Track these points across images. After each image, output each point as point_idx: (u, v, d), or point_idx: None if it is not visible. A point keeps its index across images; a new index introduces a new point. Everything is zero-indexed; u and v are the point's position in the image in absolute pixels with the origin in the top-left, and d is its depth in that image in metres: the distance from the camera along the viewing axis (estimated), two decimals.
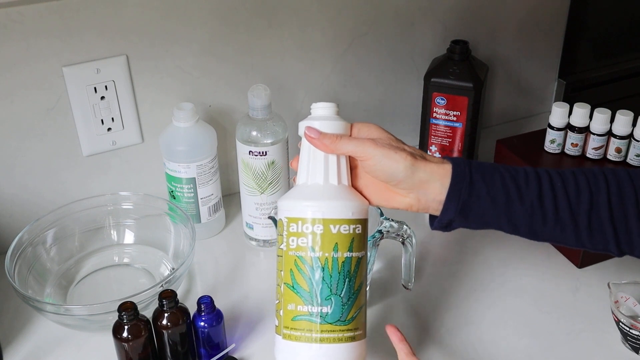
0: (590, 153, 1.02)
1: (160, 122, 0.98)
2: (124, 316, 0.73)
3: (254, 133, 0.91)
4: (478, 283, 0.93)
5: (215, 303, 0.78)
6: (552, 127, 1.04)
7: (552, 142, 1.04)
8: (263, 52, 1.02)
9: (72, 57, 0.90)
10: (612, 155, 1.01)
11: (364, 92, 1.14)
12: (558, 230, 0.67)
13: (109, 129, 0.97)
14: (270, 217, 0.84)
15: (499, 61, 1.23)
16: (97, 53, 0.92)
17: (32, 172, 0.95)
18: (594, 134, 1.01)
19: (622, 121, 0.99)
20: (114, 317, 0.74)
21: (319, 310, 0.65)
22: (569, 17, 1.25)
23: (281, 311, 0.67)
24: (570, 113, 1.03)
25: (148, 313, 0.77)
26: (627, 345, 0.81)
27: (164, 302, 0.74)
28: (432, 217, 0.70)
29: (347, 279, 0.66)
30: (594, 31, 1.32)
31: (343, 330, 0.65)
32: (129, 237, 0.98)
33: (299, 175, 0.70)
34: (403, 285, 0.88)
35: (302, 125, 0.70)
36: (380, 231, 0.82)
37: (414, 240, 0.83)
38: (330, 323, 0.65)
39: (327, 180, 0.69)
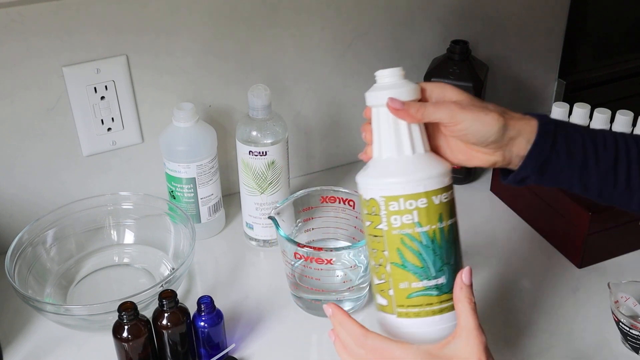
0: None
1: (160, 122, 0.98)
2: (124, 316, 0.73)
3: (254, 133, 0.91)
4: (478, 283, 0.93)
5: (215, 303, 0.78)
6: None
7: None
8: (263, 52, 1.02)
9: (72, 57, 0.90)
10: None
11: (364, 92, 1.14)
12: (627, 195, 0.67)
13: (109, 129, 0.97)
14: (270, 217, 0.84)
15: (499, 61, 1.23)
16: (97, 53, 0.92)
17: (32, 172, 0.95)
18: None
19: (622, 121, 0.99)
20: (114, 317, 0.74)
21: (435, 283, 0.64)
22: (569, 17, 1.25)
23: (391, 291, 0.65)
24: (570, 113, 1.03)
25: (148, 313, 0.77)
26: (627, 345, 0.81)
27: (164, 302, 0.74)
28: (504, 171, 0.70)
29: (454, 246, 0.66)
30: (594, 31, 1.32)
31: None
32: (129, 237, 0.98)
33: (379, 148, 0.66)
34: None
35: (371, 96, 0.67)
36: None
37: None
38: (446, 293, 0.64)
39: (415, 150, 0.65)
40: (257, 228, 0.98)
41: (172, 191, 0.98)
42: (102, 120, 0.96)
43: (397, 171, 0.65)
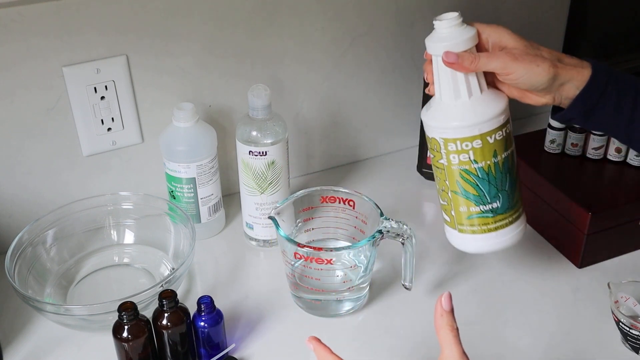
0: (591, 153, 1.02)
1: (160, 122, 0.98)
2: (124, 316, 0.73)
3: (254, 133, 0.91)
4: (478, 283, 0.93)
5: (215, 303, 0.78)
6: (552, 127, 1.04)
7: (552, 142, 1.04)
8: (263, 52, 1.02)
9: (72, 57, 0.90)
10: (612, 155, 1.01)
11: (364, 92, 1.14)
12: None
13: (109, 129, 0.97)
14: (271, 217, 0.84)
15: None
16: (97, 53, 0.92)
17: (32, 172, 0.95)
18: (594, 134, 1.01)
19: None
20: (114, 317, 0.74)
21: (490, 207, 0.74)
22: (569, 17, 1.25)
23: (452, 211, 0.76)
24: None
25: (148, 313, 0.77)
26: (627, 345, 0.81)
27: (164, 302, 0.74)
28: (555, 108, 0.75)
29: (508, 174, 0.74)
30: (594, 31, 1.32)
31: (512, 214, 0.75)
32: (129, 237, 0.98)
33: (439, 91, 0.73)
34: (403, 285, 0.88)
35: (429, 46, 0.73)
36: (380, 231, 0.82)
37: (414, 240, 0.83)
38: (501, 214, 0.74)
39: (472, 94, 0.72)
40: (257, 228, 0.98)
41: (172, 191, 0.98)
42: (102, 120, 0.96)
43: (454, 116, 0.72)
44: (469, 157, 0.72)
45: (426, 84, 0.78)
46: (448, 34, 0.72)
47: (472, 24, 0.74)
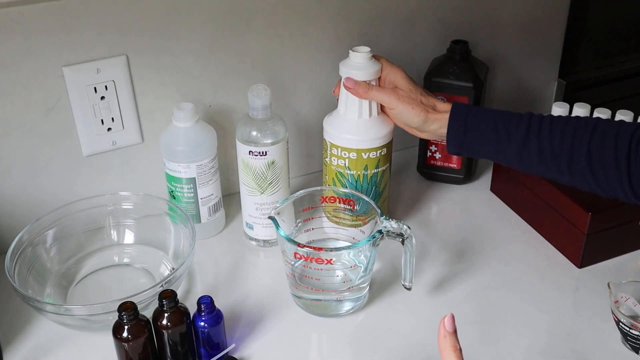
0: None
1: (160, 122, 0.98)
2: (124, 316, 0.73)
3: (254, 133, 0.91)
4: (478, 283, 0.93)
5: (215, 303, 0.78)
6: None
7: None
8: (263, 52, 1.02)
9: (72, 57, 0.90)
10: None
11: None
12: (543, 168, 0.81)
13: (109, 129, 0.97)
14: (271, 217, 0.84)
15: (499, 61, 1.23)
16: (97, 53, 0.92)
17: (32, 172, 0.95)
18: None
19: None
20: (114, 317, 0.74)
21: (351, 207, 0.89)
22: (569, 17, 1.25)
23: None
24: (570, 113, 1.03)
25: (148, 313, 0.77)
26: (627, 345, 0.81)
27: (164, 302, 0.74)
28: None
29: (374, 186, 0.95)
30: (594, 31, 1.32)
31: (365, 218, 0.88)
32: (129, 237, 0.98)
33: (340, 105, 0.93)
34: (403, 285, 0.88)
35: (340, 70, 0.91)
36: (380, 231, 0.82)
37: (414, 240, 0.83)
38: (357, 216, 0.90)
39: (361, 115, 0.91)
40: (257, 228, 0.98)
41: (172, 191, 0.98)
42: (102, 120, 0.96)
43: (342, 128, 0.92)
44: (345, 164, 0.93)
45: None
46: (357, 64, 0.89)
47: (380, 60, 0.91)
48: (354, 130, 0.91)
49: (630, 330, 0.79)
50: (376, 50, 1.11)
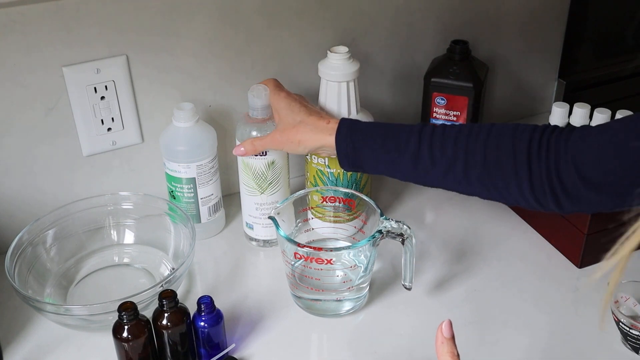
0: None
1: (160, 122, 0.98)
2: (124, 316, 0.73)
3: (254, 133, 0.91)
4: (478, 283, 0.93)
5: (215, 303, 0.78)
6: None
7: None
8: (263, 52, 1.02)
9: (72, 57, 0.90)
10: None
11: (364, 92, 1.14)
12: (440, 181, 0.79)
13: (109, 129, 0.97)
14: (271, 217, 0.84)
15: (499, 61, 1.23)
16: (97, 53, 0.92)
17: (32, 172, 0.95)
18: None
19: None
20: (114, 317, 0.74)
21: (333, 204, 0.92)
22: (569, 17, 1.25)
23: (308, 196, 0.93)
24: (570, 113, 1.03)
25: (148, 313, 0.77)
26: (627, 345, 0.81)
27: (164, 302, 0.74)
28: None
29: (355, 184, 0.97)
30: (594, 31, 1.32)
31: (349, 214, 0.92)
32: (129, 237, 0.98)
33: (319, 103, 0.94)
34: (403, 285, 0.88)
35: (320, 68, 0.93)
36: (380, 231, 0.82)
37: (414, 240, 0.83)
38: (339, 212, 0.93)
39: (340, 114, 0.92)
40: (257, 228, 0.98)
41: (172, 191, 0.98)
42: (102, 120, 0.96)
43: None
44: (325, 162, 0.94)
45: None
46: (335, 64, 0.91)
47: (267, 82, 0.91)
48: None
49: (630, 330, 0.79)
50: (376, 50, 1.12)
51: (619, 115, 1.00)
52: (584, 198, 0.70)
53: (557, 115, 1.03)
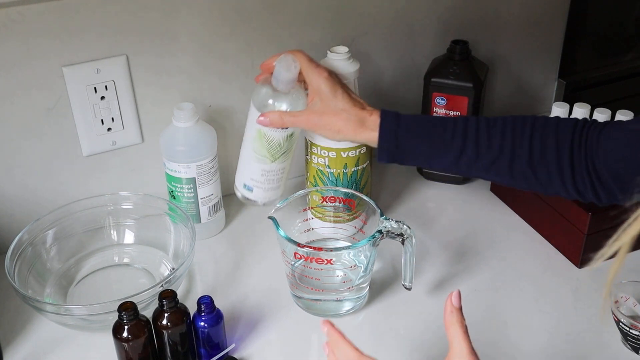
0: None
1: (160, 122, 0.98)
2: (124, 316, 0.73)
3: (271, 101, 0.83)
4: (478, 283, 0.93)
5: (215, 303, 0.78)
6: None
7: None
8: (263, 52, 1.02)
9: (72, 57, 0.90)
10: None
11: (364, 92, 1.14)
12: (481, 173, 0.80)
13: (109, 129, 0.97)
14: (270, 217, 0.84)
15: (499, 61, 1.23)
16: (97, 53, 0.92)
17: (32, 172, 0.95)
18: None
19: None
20: (114, 317, 0.74)
21: (333, 205, 0.92)
22: (569, 17, 1.25)
23: (308, 196, 0.93)
24: (570, 113, 1.03)
25: (148, 313, 0.77)
26: (627, 345, 0.81)
27: (164, 302, 0.74)
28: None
29: (355, 184, 0.96)
30: (594, 31, 1.32)
31: (351, 213, 0.92)
32: (129, 237, 0.98)
33: None
34: (403, 285, 0.88)
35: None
36: (380, 231, 0.82)
37: (414, 240, 0.83)
38: (339, 212, 0.93)
39: None
40: (258, 191, 0.91)
41: (172, 191, 0.98)
42: (102, 120, 0.96)
43: None
44: (325, 162, 0.94)
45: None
46: (336, 64, 0.91)
47: (299, 58, 0.83)
48: None
49: (630, 330, 0.79)
50: (376, 50, 1.11)
51: (619, 115, 1.00)
52: (614, 190, 0.73)
53: (557, 115, 1.03)
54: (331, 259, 0.82)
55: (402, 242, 0.83)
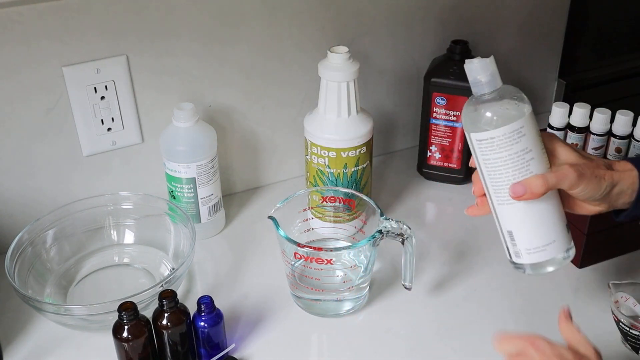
0: (590, 153, 1.02)
1: (160, 122, 0.98)
2: (124, 316, 0.73)
3: (489, 114, 0.69)
4: (478, 283, 0.93)
5: (215, 303, 0.78)
6: (552, 127, 1.04)
7: None
8: (263, 52, 1.02)
9: (72, 57, 0.90)
10: (612, 155, 1.01)
11: (364, 93, 1.14)
12: None
13: (109, 129, 0.97)
14: (270, 217, 0.84)
15: (499, 61, 1.22)
16: (97, 53, 0.92)
17: (32, 172, 0.95)
18: (594, 134, 1.01)
19: (622, 121, 0.99)
20: (114, 317, 0.74)
21: (333, 205, 0.92)
22: (569, 17, 1.25)
23: (308, 196, 0.94)
24: (570, 113, 1.03)
25: (148, 313, 0.77)
26: (627, 345, 0.81)
27: (164, 302, 0.74)
28: (617, 212, 0.75)
29: (355, 184, 0.96)
30: (594, 31, 1.32)
31: (350, 214, 0.92)
32: (129, 237, 0.98)
33: (320, 104, 0.93)
34: (403, 285, 0.88)
35: (320, 68, 0.91)
36: (380, 231, 0.82)
37: (414, 240, 0.83)
38: (339, 212, 0.92)
39: (340, 115, 0.92)
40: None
41: (172, 191, 0.98)
42: (102, 120, 0.96)
43: (322, 128, 0.93)
44: (325, 162, 0.93)
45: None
46: (336, 64, 0.90)
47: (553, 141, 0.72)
48: (333, 129, 0.92)
49: (630, 330, 0.79)
50: (376, 50, 1.11)
51: (619, 115, 1.00)
52: None
53: (557, 115, 1.03)
54: (331, 259, 0.82)
55: (402, 242, 0.83)
